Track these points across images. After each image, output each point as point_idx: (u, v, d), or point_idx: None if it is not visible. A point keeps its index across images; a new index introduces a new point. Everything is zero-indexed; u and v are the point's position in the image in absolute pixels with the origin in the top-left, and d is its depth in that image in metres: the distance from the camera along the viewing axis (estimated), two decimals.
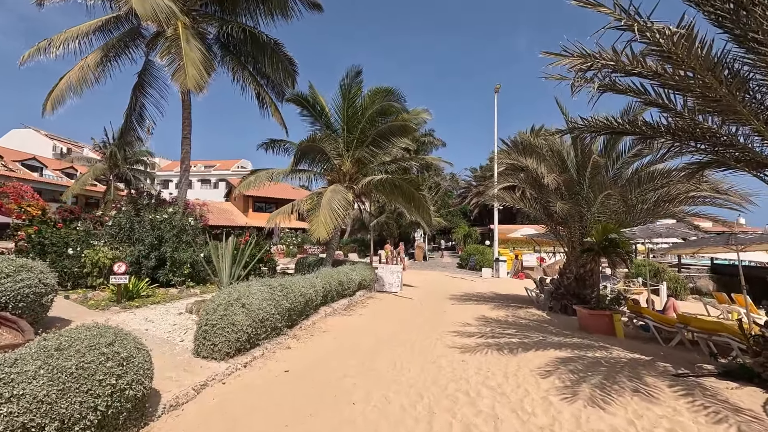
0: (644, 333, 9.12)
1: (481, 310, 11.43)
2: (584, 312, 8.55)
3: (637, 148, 9.83)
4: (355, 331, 8.11)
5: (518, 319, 9.95)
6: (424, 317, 10.03)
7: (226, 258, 8.21)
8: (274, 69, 14.44)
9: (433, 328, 8.72)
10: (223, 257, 8.24)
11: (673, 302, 9.66)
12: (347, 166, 14.01)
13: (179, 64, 11.17)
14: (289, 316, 7.19)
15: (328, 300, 10.06)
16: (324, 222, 11.23)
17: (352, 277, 11.81)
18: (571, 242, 11.36)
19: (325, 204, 11.78)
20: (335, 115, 14.18)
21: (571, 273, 11.02)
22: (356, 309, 10.70)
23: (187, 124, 14.45)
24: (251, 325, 5.78)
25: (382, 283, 15.10)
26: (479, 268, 24.43)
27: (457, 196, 54.39)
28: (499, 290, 16.69)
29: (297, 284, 7.85)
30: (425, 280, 19.68)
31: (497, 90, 23.51)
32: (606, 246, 8.43)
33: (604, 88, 5.86)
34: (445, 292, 15.31)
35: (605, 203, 9.92)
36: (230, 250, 8.18)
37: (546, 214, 11.38)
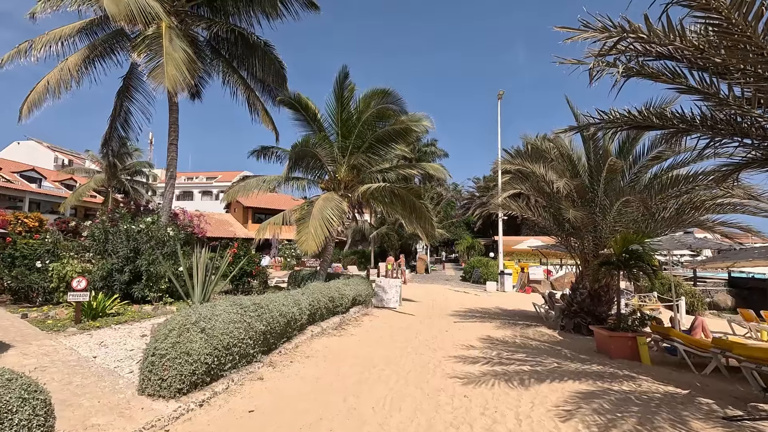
0: (671, 357, 8.09)
1: (486, 328, 10.42)
2: (603, 334, 7.54)
3: (657, 149, 8.91)
4: (343, 355, 7.13)
5: (527, 340, 8.94)
6: (422, 337, 9.04)
7: (198, 273, 7.30)
8: (264, 71, 13.71)
9: (432, 351, 7.73)
10: (195, 271, 7.34)
11: (702, 321, 8.62)
12: (342, 173, 13.16)
13: (158, 63, 10.43)
14: (265, 340, 6.24)
15: (317, 318, 9.10)
16: (314, 233, 10.33)
17: (345, 292, 10.85)
18: (583, 254, 10.38)
19: (315, 213, 10.90)
20: (329, 120, 13.40)
21: (585, 288, 10.01)
22: (348, 328, 9.72)
23: (174, 129, 13.69)
24: (212, 353, 4.84)
25: (380, 297, 14.11)
26: (483, 281, 23.38)
27: (460, 207, 53.46)
28: (505, 305, 15.65)
29: (277, 302, 6.91)
30: (427, 294, 18.66)
31: (500, 96, 22.78)
32: (627, 259, 7.47)
33: (629, 73, 4.98)
34: (447, 308, 14.29)
35: (622, 211, 8.98)
36: (202, 264, 7.28)
37: (556, 223, 10.43)
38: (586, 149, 9.84)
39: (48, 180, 46.96)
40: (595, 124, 6.25)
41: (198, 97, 16.53)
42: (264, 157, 14.13)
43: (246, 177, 13.58)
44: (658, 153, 8.95)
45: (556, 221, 10.45)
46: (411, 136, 12.56)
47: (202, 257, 7.32)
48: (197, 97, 16.53)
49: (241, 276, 13.21)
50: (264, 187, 13.46)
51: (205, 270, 7.36)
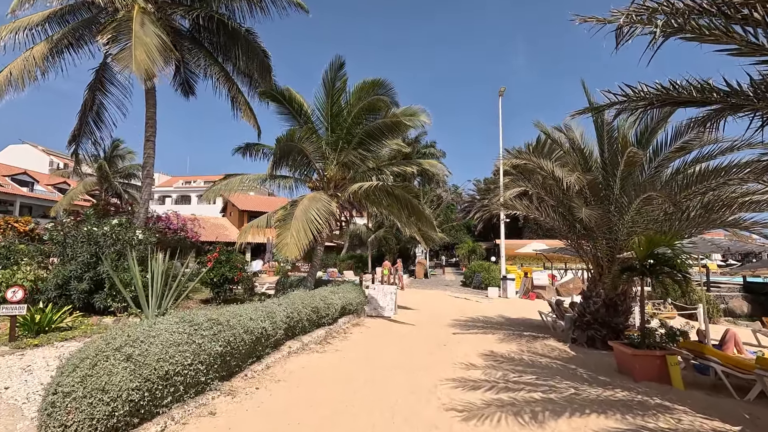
0: (701, 376, 7.03)
1: (489, 341, 9.36)
2: (626, 352, 6.47)
3: (682, 139, 7.87)
4: (321, 377, 6.08)
5: (536, 357, 7.87)
6: (417, 354, 7.97)
7: (154, 281, 6.26)
8: (248, 62, 12.74)
9: (426, 371, 6.67)
10: (151, 280, 6.29)
11: (734, 335, 7.55)
12: (332, 171, 12.14)
13: (126, 46, 9.47)
14: (224, 363, 5.19)
15: (297, 332, 8.05)
16: (296, 236, 9.29)
17: (332, 301, 9.80)
18: (596, 258, 9.32)
19: (299, 214, 9.87)
20: (318, 114, 12.40)
21: (599, 297, 8.95)
22: (334, 342, 8.66)
23: (151, 125, 12.71)
24: (142, 386, 3.79)
25: (373, 306, 13.06)
26: (485, 286, 22.29)
27: (461, 210, 52.41)
28: (508, 313, 14.57)
29: (243, 317, 5.86)
30: (425, 301, 17.57)
31: (502, 93, 21.80)
32: (653, 264, 6.42)
33: (669, 31, 3.97)
34: (446, 316, 13.22)
35: (642, 210, 7.93)
36: (160, 272, 6.24)
37: (566, 224, 9.38)
38: (599, 140, 8.80)
39: (40, 183, 46.12)
40: (620, 103, 5.23)
41: (192, 93, 15.61)
42: (249, 155, 13.12)
43: (229, 175, 12.57)
44: (684, 143, 7.91)
45: (565, 222, 9.41)
46: (404, 130, 11.55)
47: (159, 264, 6.29)
48: (191, 94, 15.61)
49: (222, 283, 12.17)
50: (247, 186, 12.46)
51: (164, 278, 6.34)
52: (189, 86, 15.16)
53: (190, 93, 15.28)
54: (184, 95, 15.25)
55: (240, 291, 14.67)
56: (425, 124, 11.81)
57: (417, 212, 10.70)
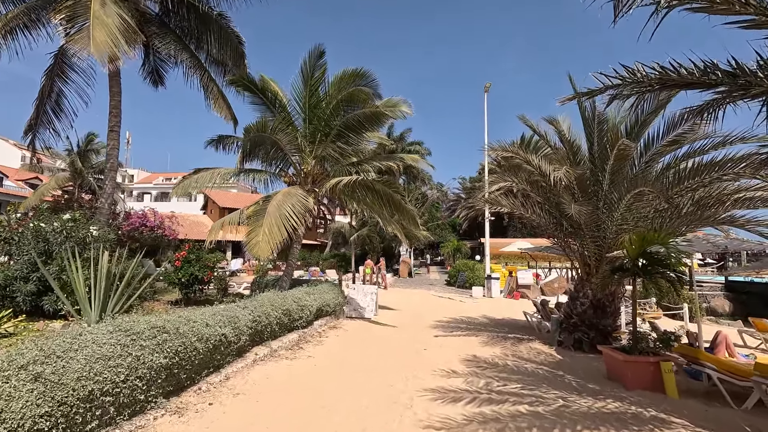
0: (693, 381, 6.66)
1: (472, 344, 8.88)
2: (617, 358, 6.04)
3: (675, 132, 7.49)
4: (287, 389, 5.48)
5: (521, 362, 7.40)
6: (394, 360, 7.43)
7: (97, 283, 5.56)
8: (220, 49, 12.00)
9: (404, 380, 6.13)
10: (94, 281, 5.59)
11: (726, 337, 7.21)
12: (309, 165, 11.50)
13: (83, 26, 8.69)
14: (171, 376, 4.55)
15: (266, 337, 7.42)
16: (268, 233, 8.65)
17: (306, 302, 9.18)
18: (583, 258, 8.93)
19: (272, 210, 9.22)
20: (296, 105, 11.73)
21: (586, 297, 8.56)
22: (307, 347, 8.05)
23: (116, 114, 11.87)
24: (54, 412, 3.13)
25: (353, 306, 12.49)
26: (469, 285, 21.93)
27: (446, 209, 52.16)
28: (492, 313, 14.16)
29: (196, 323, 5.22)
30: (408, 301, 17.07)
31: (487, 89, 21.44)
32: (646, 264, 6.00)
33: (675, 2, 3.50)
34: (429, 317, 12.73)
35: (632, 206, 7.54)
36: (104, 272, 5.54)
37: (553, 222, 8.96)
38: (587, 133, 8.38)
39: (10, 179, 44.19)
40: (614, 87, 4.76)
41: (161, 83, 14.76)
42: (223, 148, 12.36)
43: (199, 170, 11.80)
44: (676, 137, 7.54)
45: (552, 219, 8.98)
46: (384, 122, 10.98)
47: (104, 263, 5.59)
48: (161, 84, 14.76)
49: (191, 283, 11.43)
50: (218, 181, 11.70)
51: (110, 279, 5.65)
52: (159, 75, 14.32)
53: (159, 83, 14.44)
54: (153, 85, 14.41)
55: (213, 291, 13.96)
56: (407, 114, 11.26)
57: (399, 208, 10.15)
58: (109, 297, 5.71)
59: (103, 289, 5.55)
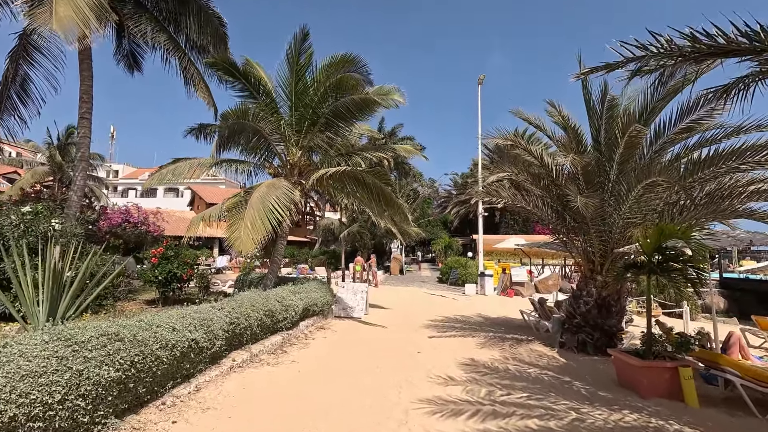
0: (708, 386, 6.18)
1: (468, 346, 8.32)
2: (631, 363, 5.50)
3: (690, 118, 6.94)
4: (265, 401, 4.84)
5: (524, 367, 6.85)
6: (386, 364, 6.82)
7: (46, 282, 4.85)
8: (200, 31, 11.22)
9: (397, 389, 5.53)
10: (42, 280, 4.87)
11: (739, 338, 6.74)
12: (295, 155, 10.80)
13: None
14: (125, 391, 3.88)
15: (245, 341, 6.76)
16: (250, 227, 7.97)
17: (291, 302, 8.53)
18: (587, 254, 8.42)
19: (255, 202, 8.54)
20: (282, 92, 11.02)
21: (590, 296, 8.04)
22: (291, 351, 7.41)
23: (86, 100, 11.06)
24: None
25: (342, 306, 11.87)
26: (461, 283, 21.44)
27: (438, 206, 51.72)
28: (487, 312, 13.64)
29: (160, 327, 4.54)
30: (399, 299, 16.48)
31: (481, 81, 20.89)
32: (662, 260, 5.47)
33: None
34: (421, 316, 12.15)
35: (641, 198, 7.01)
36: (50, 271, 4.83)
37: (555, 215, 8.41)
38: (592, 120, 7.80)
39: None
40: (638, 59, 4.19)
41: (138, 68, 13.90)
42: (204, 137, 11.62)
43: (177, 160, 11.05)
44: (691, 123, 7.02)
45: (554, 213, 8.44)
46: (375, 110, 10.33)
47: (52, 260, 4.88)
48: (137, 69, 13.90)
49: (169, 282, 10.69)
50: (198, 172, 10.96)
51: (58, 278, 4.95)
52: (134, 60, 13.48)
53: (135, 68, 13.60)
54: (128, 69, 13.57)
55: (194, 290, 13.24)
56: (399, 103, 10.65)
57: (389, 202, 9.53)
58: (61, 298, 5.00)
59: (50, 290, 4.84)
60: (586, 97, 8.28)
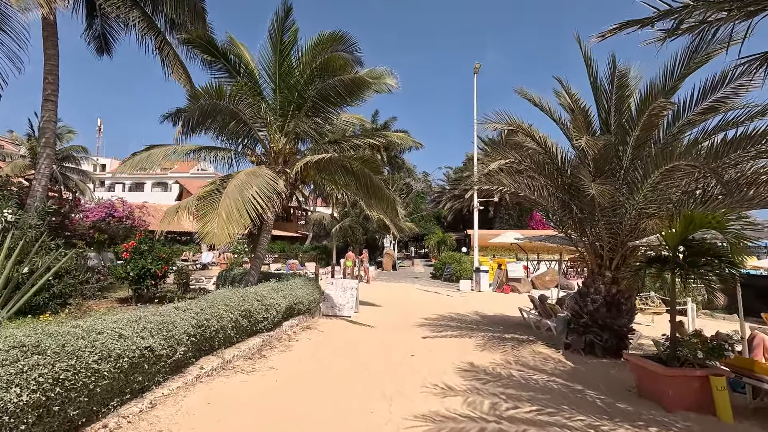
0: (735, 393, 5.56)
1: (466, 348, 7.65)
2: (655, 371, 4.83)
3: (715, 96, 6.25)
4: (230, 421, 4.10)
5: (529, 373, 6.18)
6: (375, 370, 6.11)
7: None
8: (176, 5, 10.30)
9: (387, 401, 4.81)
10: None
11: (763, 339, 6.15)
12: (279, 142, 10.00)
13: None
14: (50, 416, 3.10)
15: (217, 345, 6.00)
16: (225, 218, 7.18)
17: (272, 301, 7.77)
18: (594, 248, 7.76)
19: (231, 191, 7.74)
20: (265, 74, 10.20)
21: (598, 293, 7.40)
22: (271, 355, 6.67)
23: (52, 80, 10.14)
24: None
25: (330, 304, 11.14)
26: (456, 279, 20.80)
27: (431, 201, 51.09)
28: (484, 309, 13.01)
29: (101, 334, 3.77)
30: (392, 296, 15.80)
31: (477, 70, 20.17)
32: (689, 254, 4.80)
33: None
34: (415, 314, 11.47)
35: (659, 186, 6.33)
36: None
37: (561, 205, 7.73)
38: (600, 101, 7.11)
39: None
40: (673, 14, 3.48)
41: (107, 51, 12.96)
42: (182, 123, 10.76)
43: (151, 146, 10.18)
44: (715, 102, 6.32)
45: (560, 203, 7.76)
46: (366, 93, 9.55)
47: None
48: (105, 52, 12.96)
49: (143, 278, 9.88)
50: (175, 159, 10.12)
51: None
52: (105, 41, 12.54)
53: (105, 50, 12.68)
54: (98, 52, 12.65)
55: (174, 287, 12.42)
56: (392, 88, 9.88)
57: (377, 192, 8.79)
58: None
59: None
60: (591, 77, 7.58)
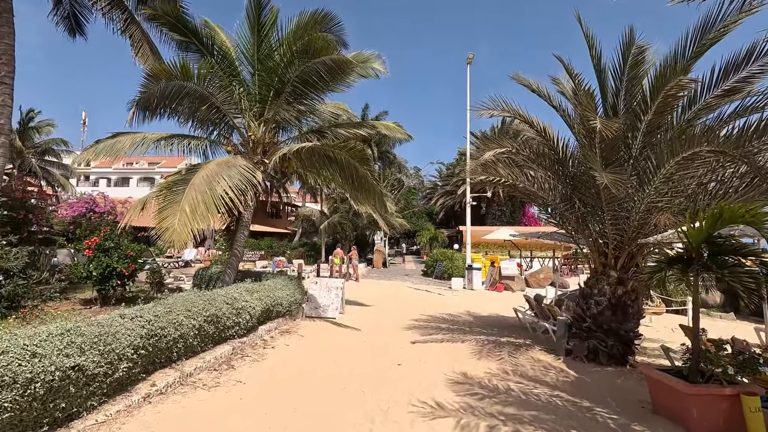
0: None
1: (459, 354, 6.98)
2: (675, 387, 4.19)
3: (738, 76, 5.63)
4: None
5: (528, 385, 5.52)
6: (358, 383, 5.40)
7: None
8: None
9: (369, 424, 4.11)
10: None
11: None
12: (257, 131, 9.21)
13: None
14: None
15: (176, 357, 5.25)
16: (190, 213, 6.41)
17: (245, 303, 7.00)
18: (597, 245, 7.12)
19: (199, 183, 6.97)
20: (242, 57, 9.39)
21: (603, 295, 6.76)
22: (241, 366, 5.93)
23: (7, 61, 9.21)
24: None
25: (314, 304, 10.41)
26: (447, 276, 20.17)
27: (423, 197, 50.47)
28: (477, 309, 12.37)
29: (6, 354, 3.02)
30: (382, 294, 15.11)
31: (470, 61, 19.47)
32: (715, 253, 4.16)
33: None
34: (404, 315, 10.80)
35: (673, 177, 5.69)
36: None
37: (562, 198, 7.06)
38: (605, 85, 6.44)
39: None
40: None
41: (81, 32, 12.01)
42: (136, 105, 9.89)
43: (118, 134, 9.33)
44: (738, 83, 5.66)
45: (561, 196, 7.09)
46: (351, 77, 8.77)
47: None
48: (78, 33, 12.01)
49: (108, 278, 9.06)
50: (144, 148, 9.25)
51: None
52: (76, 22, 11.60)
53: (78, 31, 11.74)
54: (69, 33, 11.71)
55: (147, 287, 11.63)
56: (380, 73, 9.13)
57: (363, 183, 8.06)
58: None
59: None
60: (594, 59, 6.90)
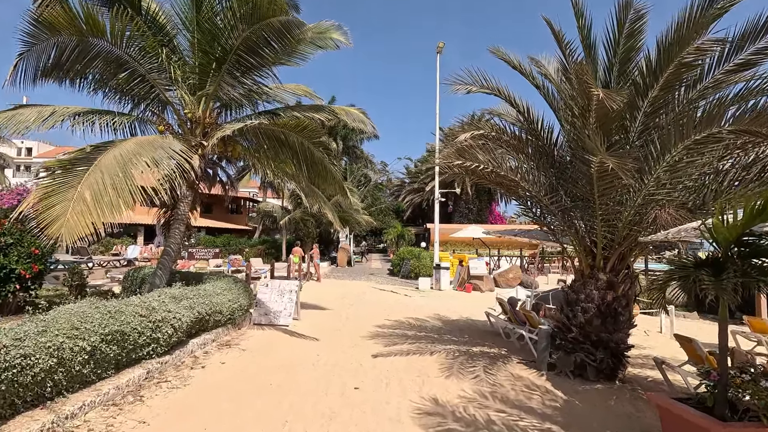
0: None
1: (427, 370, 5.96)
2: (698, 424, 3.30)
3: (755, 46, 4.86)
4: None
5: (511, 413, 4.54)
6: (303, 419, 4.24)
7: None
8: None
9: None
10: None
11: None
12: (196, 107, 7.78)
13: None
14: None
15: (51, 393, 3.89)
16: (90, 200, 5.00)
17: (167, 315, 5.63)
18: (585, 244, 6.28)
19: (108, 164, 5.54)
20: (178, 21, 7.94)
21: (590, 301, 5.92)
22: (152, 397, 4.60)
23: None
24: None
25: (264, 310, 9.12)
26: (414, 276, 19.25)
27: (390, 194, 49.56)
28: (446, 312, 11.45)
29: None
30: (344, 295, 13.96)
31: (440, 50, 18.56)
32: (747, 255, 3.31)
33: None
34: (367, 320, 9.72)
35: (678, 165, 4.87)
36: None
37: (546, 190, 6.14)
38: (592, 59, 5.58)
39: None
40: None
41: None
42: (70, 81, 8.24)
43: (21, 106, 7.66)
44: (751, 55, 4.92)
45: (544, 188, 6.18)
46: (304, 46, 7.53)
47: None
48: None
49: (3, 281, 7.39)
50: (51, 121, 7.59)
51: None
52: None
53: None
54: None
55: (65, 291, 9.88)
56: (341, 44, 7.94)
57: (320, 170, 6.87)
58: None
59: None
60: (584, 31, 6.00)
